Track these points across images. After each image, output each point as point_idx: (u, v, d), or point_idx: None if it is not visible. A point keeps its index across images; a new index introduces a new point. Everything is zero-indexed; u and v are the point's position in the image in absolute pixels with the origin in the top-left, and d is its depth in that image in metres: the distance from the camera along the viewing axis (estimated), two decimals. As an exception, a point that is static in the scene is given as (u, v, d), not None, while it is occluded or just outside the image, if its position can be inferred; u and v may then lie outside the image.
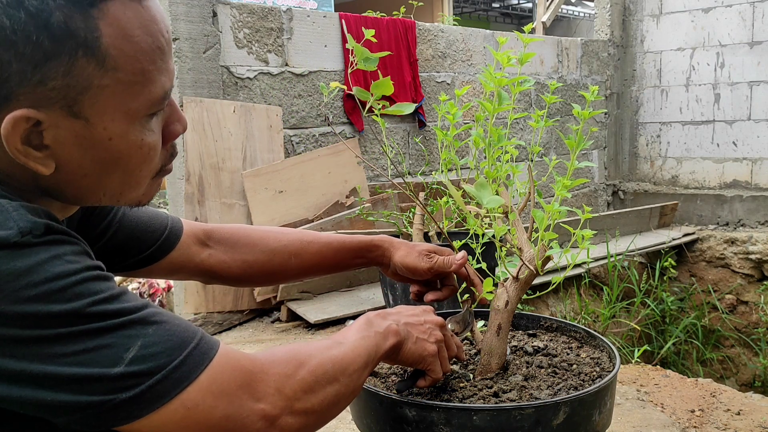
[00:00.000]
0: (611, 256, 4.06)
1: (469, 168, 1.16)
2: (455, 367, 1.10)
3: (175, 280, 1.66)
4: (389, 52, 1.11)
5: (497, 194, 1.01)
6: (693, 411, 1.98)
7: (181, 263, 1.06)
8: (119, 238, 0.98)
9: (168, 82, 0.72)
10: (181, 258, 1.06)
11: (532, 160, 1.14)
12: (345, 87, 1.28)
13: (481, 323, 1.24)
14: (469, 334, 1.19)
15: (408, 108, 1.09)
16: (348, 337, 0.83)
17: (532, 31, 1.81)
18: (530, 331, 1.30)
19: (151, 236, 1.02)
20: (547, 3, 7.18)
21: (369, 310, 3.23)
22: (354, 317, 2.93)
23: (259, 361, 0.71)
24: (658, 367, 2.46)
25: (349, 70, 1.08)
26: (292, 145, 3.58)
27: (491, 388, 1.01)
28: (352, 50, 1.02)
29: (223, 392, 0.67)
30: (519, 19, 14.02)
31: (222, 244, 1.10)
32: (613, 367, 1.04)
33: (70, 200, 0.75)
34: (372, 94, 1.04)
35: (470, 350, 1.19)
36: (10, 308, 0.58)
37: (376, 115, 1.07)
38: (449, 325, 1.08)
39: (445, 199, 2.27)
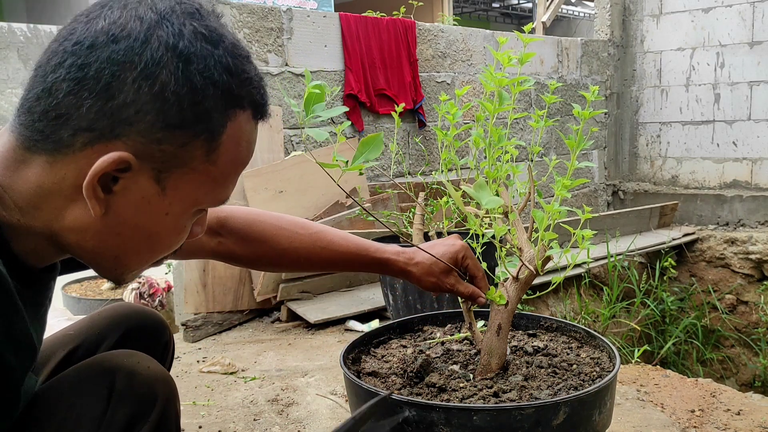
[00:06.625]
0: (611, 256, 4.06)
1: (469, 168, 1.16)
2: (455, 367, 1.10)
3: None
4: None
5: (497, 194, 1.01)
6: (693, 411, 1.98)
7: (193, 251, 1.09)
8: None
9: (231, 192, 0.79)
10: (193, 246, 1.08)
11: (532, 160, 1.14)
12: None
13: (481, 323, 1.24)
14: (469, 334, 1.19)
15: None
16: None
17: (532, 31, 1.81)
18: (530, 331, 1.30)
19: None
20: (547, 3, 7.18)
21: (369, 310, 3.20)
22: (354, 317, 2.93)
23: None
24: (658, 367, 2.46)
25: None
26: (292, 145, 3.58)
27: (491, 388, 1.01)
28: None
29: None
30: (519, 19, 14.03)
31: (233, 234, 1.12)
32: (613, 367, 1.04)
33: (82, 252, 0.75)
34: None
35: (470, 350, 1.19)
36: None
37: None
38: None
39: (445, 199, 2.26)
